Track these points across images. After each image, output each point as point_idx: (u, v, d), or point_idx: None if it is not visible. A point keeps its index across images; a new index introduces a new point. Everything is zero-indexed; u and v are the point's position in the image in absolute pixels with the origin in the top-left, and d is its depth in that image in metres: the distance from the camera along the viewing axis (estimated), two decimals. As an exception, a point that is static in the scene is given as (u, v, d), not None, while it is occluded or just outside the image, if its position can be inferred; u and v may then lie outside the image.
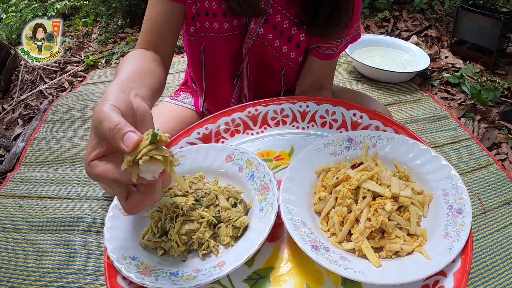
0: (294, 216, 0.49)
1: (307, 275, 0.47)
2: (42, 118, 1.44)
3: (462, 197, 0.50)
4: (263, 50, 0.80)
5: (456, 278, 0.43)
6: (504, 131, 1.27)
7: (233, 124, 0.65)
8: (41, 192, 1.08)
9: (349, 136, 0.60)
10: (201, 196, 0.50)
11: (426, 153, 0.56)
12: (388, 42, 1.71)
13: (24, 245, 0.95)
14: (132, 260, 0.46)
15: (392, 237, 0.48)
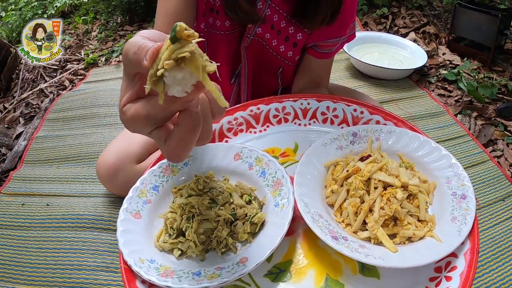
0: (311, 209, 0.51)
1: (326, 266, 0.49)
2: (44, 116, 1.45)
3: (464, 183, 0.53)
4: (261, 49, 0.82)
5: (466, 258, 0.46)
6: (501, 127, 1.28)
7: (236, 123, 0.66)
8: (43, 190, 1.10)
9: (353, 131, 0.62)
10: (216, 195, 0.51)
11: (427, 144, 0.58)
12: (386, 39, 1.72)
13: (27, 242, 0.97)
14: (150, 263, 0.46)
15: (404, 224, 0.50)
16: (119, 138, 0.99)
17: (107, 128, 1.32)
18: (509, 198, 1.00)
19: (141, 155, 0.95)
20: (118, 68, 1.83)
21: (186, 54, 0.29)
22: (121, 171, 0.93)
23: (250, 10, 0.73)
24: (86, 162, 1.19)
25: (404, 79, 1.52)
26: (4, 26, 2.71)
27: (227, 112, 0.67)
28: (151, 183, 0.56)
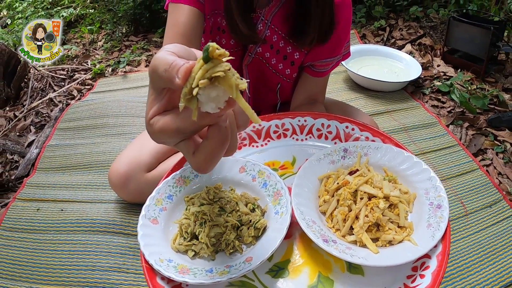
0: (305, 217, 0.59)
1: (318, 265, 0.57)
2: (55, 126, 1.53)
3: (440, 194, 0.60)
4: (261, 66, 0.91)
5: (438, 259, 0.53)
6: (491, 137, 1.36)
7: (240, 138, 0.74)
8: (57, 196, 1.18)
9: (345, 147, 0.70)
10: (224, 204, 0.60)
11: (410, 159, 0.66)
12: (382, 52, 1.81)
13: (43, 244, 1.04)
14: (168, 262, 0.54)
15: (385, 230, 0.58)
16: (130, 148, 1.07)
17: (117, 138, 1.41)
18: (496, 205, 1.08)
19: (151, 164, 1.03)
20: (125, 79, 1.92)
21: (220, 74, 0.30)
22: (132, 179, 1.02)
23: (250, 33, 0.82)
24: (97, 170, 1.27)
25: (399, 90, 1.61)
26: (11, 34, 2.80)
27: None
28: (166, 193, 0.64)
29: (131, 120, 1.50)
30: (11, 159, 1.48)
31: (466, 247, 0.96)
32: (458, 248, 0.96)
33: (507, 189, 1.15)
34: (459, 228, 1.01)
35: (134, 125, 1.47)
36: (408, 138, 1.32)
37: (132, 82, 1.89)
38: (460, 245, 0.97)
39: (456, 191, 1.11)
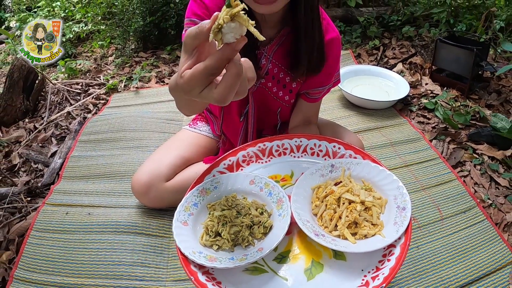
0: (302, 217, 0.79)
1: (311, 253, 0.77)
2: (76, 138, 1.72)
3: (405, 199, 0.80)
4: (264, 94, 1.10)
5: (401, 248, 0.73)
6: (470, 151, 1.54)
7: (248, 156, 0.94)
8: (83, 201, 1.35)
9: (332, 163, 0.90)
10: (240, 209, 0.80)
11: (383, 172, 0.86)
12: (375, 71, 2.01)
13: (73, 243, 1.21)
14: (199, 253, 0.73)
15: (362, 226, 0.78)
16: (149, 160, 1.26)
17: (134, 150, 1.59)
18: (469, 211, 1.26)
19: (169, 175, 1.22)
20: (137, 95, 2.12)
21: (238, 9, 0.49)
22: (153, 187, 1.20)
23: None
24: (118, 179, 1.45)
25: (389, 108, 1.80)
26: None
27: (242, 148, 0.95)
28: (192, 201, 0.85)
29: (146, 134, 1.69)
30: (36, 168, 1.66)
31: (440, 247, 1.14)
32: (433, 247, 1.14)
33: (481, 197, 1.33)
34: (435, 231, 1.19)
35: (150, 139, 1.66)
36: (394, 152, 1.50)
37: (144, 98, 2.08)
38: (435, 245, 1.15)
39: (434, 198, 1.30)
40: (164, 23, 2.55)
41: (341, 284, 0.71)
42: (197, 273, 0.71)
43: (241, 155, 0.94)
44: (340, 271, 0.73)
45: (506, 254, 1.12)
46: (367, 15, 2.58)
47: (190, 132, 1.36)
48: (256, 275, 0.74)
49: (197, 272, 0.71)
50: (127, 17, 2.65)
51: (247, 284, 0.72)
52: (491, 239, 1.16)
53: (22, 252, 1.20)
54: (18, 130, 1.94)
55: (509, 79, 2.01)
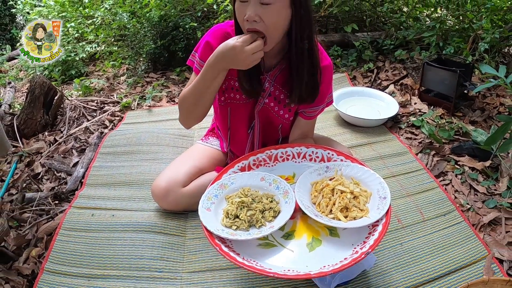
0: (304, 204, 1.02)
1: (312, 231, 1.02)
2: (97, 151, 1.93)
3: (385, 191, 1.04)
4: (268, 112, 1.34)
5: (383, 225, 0.96)
6: (452, 162, 1.75)
7: (258, 161, 1.17)
8: (107, 205, 1.55)
9: (327, 165, 1.14)
10: (254, 197, 1.04)
11: (368, 172, 1.10)
12: (368, 93, 2.26)
13: (99, 240, 1.39)
14: (221, 230, 0.97)
15: (351, 210, 1.01)
16: (168, 169, 1.47)
17: (151, 162, 1.81)
18: (449, 214, 1.46)
19: (185, 181, 1.42)
20: (150, 113, 2.36)
21: None
22: (171, 192, 1.40)
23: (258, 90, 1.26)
24: (137, 186, 1.66)
25: (380, 126, 2.03)
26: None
27: (252, 153, 1.20)
28: (213, 193, 1.09)
29: (161, 148, 1.91)
30: (59, 176, 1.86)
31: (421, 244, 1.33)
32: (415, 244, 1.33)
33: (460, 203, 1.53)
34: (417, 230, 1.39)
35: (164, 152, 1.88)
36: (383, 164, 1.72)
37: (157, 116, 2.32)
38: (417, 242, 1.34)
39: (418, 203, 1.50)
40: (174, 46, 2.80)
41: (336, 254, 0.94)
42: (220, 245, 0.92)
43: (251, 159, 1.17)
44: (335, 245, 0.97)
45: (481, 250, 1.31)
46: (362, 40, 2.83)
47: (203, 146, 1.58)
48: (268, 248, 0.98)
49: (221, 244, 0.93)
50: (138, 40, 2.91)
51: (261, 255, 0.95)
52: (468, 237, 1.36)
53: (52, 247, 1.38)
54: (38, 142, 2.16)
55: (493, 97, 2.24)
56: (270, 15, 1.07)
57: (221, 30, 1.25)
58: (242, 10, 1.08)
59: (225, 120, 1.40)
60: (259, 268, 0.90)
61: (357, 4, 3.05)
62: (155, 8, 2.84)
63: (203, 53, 1.26)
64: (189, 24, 2.77)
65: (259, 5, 1.05)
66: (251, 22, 1.07)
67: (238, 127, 1.39)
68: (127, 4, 3.08)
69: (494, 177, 1.62)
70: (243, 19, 1.09)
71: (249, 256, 0.94)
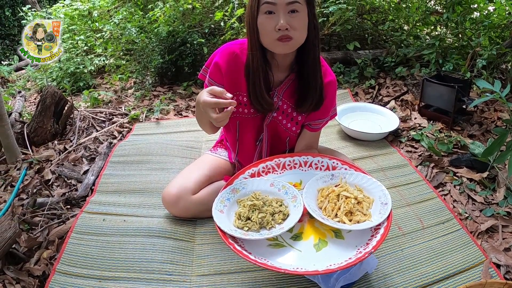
0: (311, 207, 1.11)
1: (318, 234, 1.10)
2: (107, 159, 2.02)
3: (387, 197, 1.12)
4: (276, 125, 1.44)
5: (384, 228, 1.04)
6: (451, 174, 1.83)
7: (267, 168, 1.27)
8: (118, 211, 1.62)
9: (332, 173, 1.23)
10: (265, 201, 1.12)
11: (371, 180, 1.19)
12: (369, 108, 2.36)
13: (111, 244, 1.46)
14: (234, 231, 1.05)
15: (355, 215, 1.09)
16: (178, 177, 1.55)
17: (160, 171, 1.89)
18: (448, 222, 1.53)
19: (194, 189, 1.50)
20: (158, 125, 2.45)
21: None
22: (181, 199, 1.48)
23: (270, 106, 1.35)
24: (147, 194, 1.73)
25: (381, 140, 2.13)
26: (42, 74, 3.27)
27: (262, 161, 1.31)
28: (225, 197, 1.17)
29: (170, 158, 2.00)
30: (69, 183, 1.94)
31: (421, 250, 1.40)
32: (415, 250, 1.40)
33: (458, 211, 1.60)
34: (417, 237, 1.46)
35: (173, 162, 1.96)
36: (384, 176, 1.80)
37: (164, 128, 2.42)
38: (417, 248, 1.41)
39: (417, 212, 1.58)
40: (181, 61, 2.91)
41: (341, 254, 1.02)
42: (234, 244, 1.00)
43: (261, 166, 1.28)
44: (340, 246, 1.05)
45: (479, 256, 1.38)
46: (364, 57, 2.95)
47: (212, 156, 1.66)
48: (277, 248, 1.06)
49: (234, 243, 1.00)
50: (146, 54, 3.02)
51: (271, 254, 1.03)
52: (466, 244, 1.43)
53: (64, 249, 1.44)
54: (48, 150, 2.24)
55: (491, 112, 2.34)
56: (297, 22, 1.19)
57: (229, 50, 1.35)
58: (269, 21, 1.19)
59: (233, 132, 1.49)
60: (270, 265, 0.98)
61: (359, 23, 3.19)
62: (163, 23, 2.96)
63: (213, 73, 1.38)
64: (197, 40, 2.89)
65: (288, 14, 1.18)
66: (283, 31, 1.18)
67: (247, 139, 1.48)
68: (136, 19, 3.21)
69: (491, 188, 1.70)
70: (272, 29, 1.19)
71: (260, 255, 1.02)
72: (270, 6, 1.17)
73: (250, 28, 1.24)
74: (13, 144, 2.12)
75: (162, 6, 3.11)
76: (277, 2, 1.16)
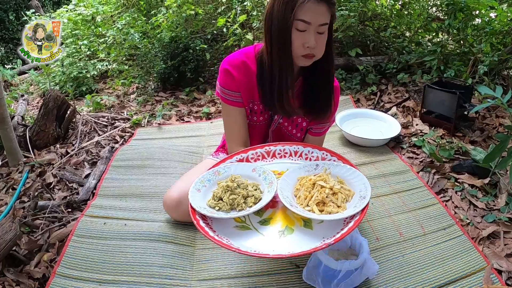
0: (283, 193, 1.13)
1: (287, 221, 1.12)
2: (109, 164, 2.03)
3: (367, 191, 1.12)
4: (281, 131, 1.47)
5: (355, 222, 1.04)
6: (452, 180, 1.83)
7: (256, 155, 1.31)
8: (119, 215, 1.63)
9: (317, 163, 1.25)
10: (240, 184, 1.16)
11: (355, 173, 1.20)
12: (371, 114, 2.37)
13: (111, 247, 1.46)
14: (203, 209, 1.11)
15: (328, 205, 1.10)
16: (180, 181, 1.56)
17: (161, 176, 1.90)
18: (449, 228, 1.53)
19: None
20: (160, 130, 2.47)
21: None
22: (182, 204, 1.48)
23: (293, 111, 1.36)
24: (148, 198, 1.74)
25: (382, 146, 2.13)
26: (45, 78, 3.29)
27: (252, 148, 1.33)
28: (207, 178, 1.23)
29: (171, 163, 2.01)
30: (71, 186, 1.95)
31: (422, 256, 1.40)
32: (416, 256, 1.40)
33: (460, 217, 1.60)
34: (418, 243, 1.46)
35: (174, 167, 1.98)
36: (385, 182, 1.81)
37: (166, 133, 2.44)
38: (418, 254, 1.41)
39: (418, 218, 1.58)
40: (184, 67, 2.93)
41: (305, 244, 1.03)
42: (199, 220, 1.08)
43: (251, 153, 1.33)
44: (306, 236, 1.07)
45: (480, 262, 1.37)
46: (366, 64, 2.96)
47: (214, 161, 1.66)
48: (243, 230, 1.10)
49: (199, 220, 1.08)
50: (148, 59, 3.04)
51: (235, 235, 1.08)
52: (467, 250, 1.42)
53: (64, 252, 1.45)
54: (50, 154, 2.25)
55: (492, 118, 2.34)
56: (322, 42, 1.26)
57: (238, 60, 1.37)
58: (299, 37, 1.23)
59: None
60: (226, 244, 1.02)
61: (361, 30, 3.20)
62: (166, 29, 2.99)
63: (224, 80, 1.40)
64: (199, 46, 2.91)
65: (316, 34, 1.23)
66: (311, 49, 1.24)
67: (252, 145, 1.49)
68: (139, 24, 3.24)
69: (493, 194, 1.70)
70: (300, 45, 1.23)
71: (224, 235, 1.07)
72: (305, 25, 1.21)
73: (281, 38, 1.25)
74: (15, 147, 2.14)
75: (165, 11, 3.14)
76: (312, 22, 1.20)
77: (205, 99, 2.89)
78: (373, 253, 1.40)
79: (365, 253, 1.20)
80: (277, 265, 1.36)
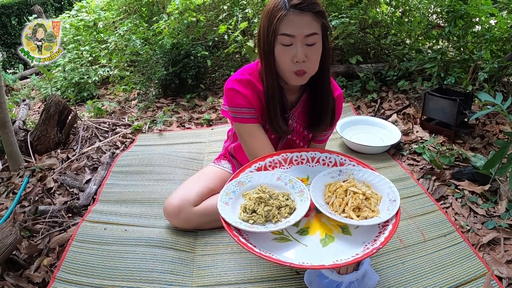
0: (318, 202, 1.12)
1: (325, 229, 1.12)
2: (109, 169, 2.04)
3: (395, 195, 1.14)
4: (290, 145, 1.49)
5: (393, 225, 1.06)
6: (452, 187, 1.83)
7: (273, 162, 1.30)
8: (119, 221, 1.63)
9: (340, 169, 1.27)
10: (271, 194, 1.14)
11: (378, 177, 1.22)
12: (371, 121, 2.38)
13: (111, 253, 1.46)
14: (239, 223, 1.06)
15: (363, 210, 1.11)
16: (180, 188, 1.56)
17: (162, 182, 1.91)
18: (449, 235, 1.53)
19: (196, 201, 1.51)
20: (161, 136, 2.48)
21: None
22: (183, 211, 1.49)
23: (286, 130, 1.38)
24: (149, 204, 1.74)
25: (383, 153, 2.14)
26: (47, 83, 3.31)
27: (269, 155, 1.32)
28: (231, 189, 1.19)
29: (172, 169, 2.02)
30: (71, 192, 1.96)
31: (422, 263, 1.40)
32: (416, 263, 1.40)
33: (460, 224, 1.60)
34: (418, 250, 1.46)
35: (175, 173, 1.98)
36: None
37: (167, 139, 2.45)
38: (418, 261, 1.41)
39: (419, 225, 1.58)
40: (185, 74, 2.95)
41: (348, 250, 1.04)
42: (238, 237, 1.03)
43: (268, 160, 1.31)
44: (346, 242, 1.07)
45: (481, 268, 1.37)
46: (367, 71, 2.98)
47: (215, 168, 1.67)
48: (283, 242, 1.08)
49: (238, 236, 1.03)
50: (150, 66, 3.07)
51: (276, 248, 1.05)
52: (468, 256, 1.43)
53: (64, 257, 1.45)
54: (51, 159, 2.26)
55: (493, 125, 2.35)
56: (314, 54, 1.20)
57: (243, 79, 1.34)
58: (286, 52, 1.18)
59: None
60: (275, 258, 0.98)
61: (362, 37, 3.23)
62: (167, 36, 3.02)
63: (233, 99, 1.35)
64: (201, 53, 2.93)
65: (305, 46, 1.18)
66: (300, 63, 1.18)
67: None
68: (140, 31, 3.27)
69: (493, 200, 1.71)
70: (289, 61, 1.19)
71: (265, 249, 1.02)
72: (289, 39, 1.17)
73: (266, 56, 1.23)
74: (16, 151, 2.15)
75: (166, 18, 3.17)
76: (296, 34, 1.15)
77: (206, 105, 2.90)
78: (373, 260, 1.40)
79: (365, 264, 1.20)
80: (277, 271, 1.37)
